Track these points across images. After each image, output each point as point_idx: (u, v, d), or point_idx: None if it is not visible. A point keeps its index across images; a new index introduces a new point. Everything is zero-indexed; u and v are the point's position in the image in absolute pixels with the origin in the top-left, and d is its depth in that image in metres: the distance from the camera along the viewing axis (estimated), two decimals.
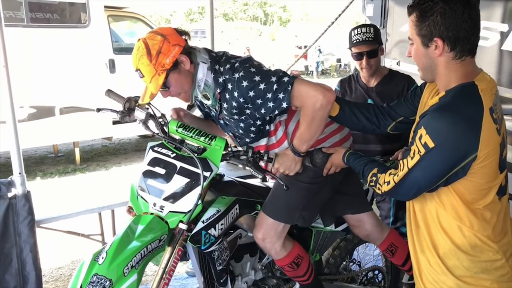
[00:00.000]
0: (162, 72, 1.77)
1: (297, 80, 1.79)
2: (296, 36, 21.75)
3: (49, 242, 3.17)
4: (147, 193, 1.79)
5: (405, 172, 1.47)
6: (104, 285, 1.51)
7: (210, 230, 1.79)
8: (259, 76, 1.77)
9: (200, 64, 1.84)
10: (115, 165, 6.45)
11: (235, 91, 1.80)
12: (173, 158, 1.81)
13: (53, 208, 2.89)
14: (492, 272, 1.47)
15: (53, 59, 5.79)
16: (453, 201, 1.46)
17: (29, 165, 6.39)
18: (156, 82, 1.78)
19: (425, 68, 1.50)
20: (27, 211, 2.58)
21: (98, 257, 1.58)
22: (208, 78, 1.85)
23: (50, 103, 5.86)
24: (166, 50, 1.76)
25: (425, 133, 1.39)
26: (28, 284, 2.61)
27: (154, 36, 1.78)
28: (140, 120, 1.91)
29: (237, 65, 1.82)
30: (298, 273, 2.08)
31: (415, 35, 1.46)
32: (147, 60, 1.76)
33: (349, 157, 1.81)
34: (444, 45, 1.41)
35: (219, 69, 1.84)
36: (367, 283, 2.60)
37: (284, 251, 2.01)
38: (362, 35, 2.58)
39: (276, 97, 1.77)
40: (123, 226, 1.70)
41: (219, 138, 1.83)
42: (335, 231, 2.25)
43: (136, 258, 1.59)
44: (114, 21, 7.09)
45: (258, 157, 1.83)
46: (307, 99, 1.76)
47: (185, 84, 1.86)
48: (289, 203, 1.96)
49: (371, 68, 2.62)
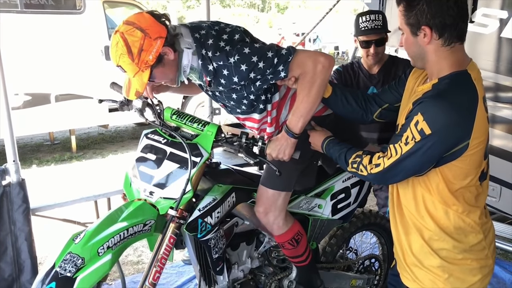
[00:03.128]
0: (145, 69, 1.67)
1: (296, 50, 1.76)
2: (293, 23, 21.57)
3: (45, 230, 3.16)
4: (139, 179, 1.79)
5: (397, 157, 1.49)
6: (76, 263, 1.53)
7: (206, 218, 1.78)
8: (256, 56, 1.71)
9: (184, 50, 1.74)
10: (111, 152, 6.43)
11: (234, 76, 1.73)
12: (164, 144, 1.79)
13: (49, 196, 2.87)
14: (474, 251, 1.56)
15: (48, 45, 5.72)
16: (439, 185, 1.51)
17: (25, 152, 6.36)
18: (140, 79, 1.68)
19: (415, 56, 1.53)
20: (22, 199, 2.56)
21: (77, 237, 1.60)
22: (193, 62, 1.76)
23: (45, 90, 5.80)
24: (148, 46, 1.63)
25: (422, 120, 1.41)
26: (24, 272, 2.61)
27: (133, 31, 1.63)
28: (137, 108, 1.90)
29: (229, 49, 1.71)
30: (298, 252, 2.08)
31: (404, 25, 1.50)
32: (129, 59, 1.64)
33: (329, 142, 1.80)
34: (432, 32, 1.45)
35: (206, 55, 1.73)
36: (364, 271, 2.61)
37: (285, 226, 2.01)
38: (370, 23, 2.52)
39: (276, 70, 1.74)
40: (112, 209, 1.71)
41: (211, 124, 1.81)
42: (332, 219, 2.25)
43: (113, 239, 1.59)
44: (110, 7, 6.99)
45: (252, 143, 1.81)
46: (307, 63, 1.73)
47: (170, 73, 1.78)
48: (285, 172, 1.91)
49: (377, 56, 2.59)
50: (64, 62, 5.84)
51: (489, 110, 1.54)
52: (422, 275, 1.60)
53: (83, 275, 1.53)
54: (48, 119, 5.89)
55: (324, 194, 2.21)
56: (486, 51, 3.22)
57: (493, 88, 3.22)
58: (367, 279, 2.56)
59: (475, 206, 1.55)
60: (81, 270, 1.53)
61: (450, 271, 1.55)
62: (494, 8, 3.18)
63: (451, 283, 1.57)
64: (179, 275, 3.20)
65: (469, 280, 1.57)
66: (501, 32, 3.17)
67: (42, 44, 5.68)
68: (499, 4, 3.16)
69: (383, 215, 2.63)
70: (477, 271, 1.57)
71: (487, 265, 1.60)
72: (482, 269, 1.58)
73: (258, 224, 2.06)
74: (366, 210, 2.54)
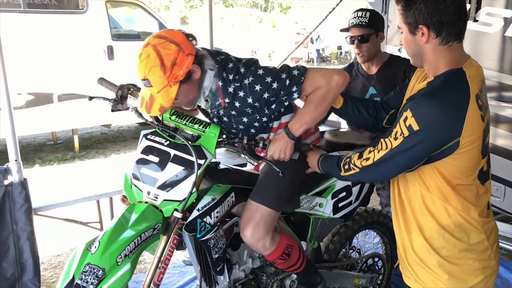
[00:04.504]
0: (174, 84, 1.63)
1: (308, 69, 1.78)
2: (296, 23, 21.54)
3: (47, 229, 3.16)
4: (141, 182, 1.76)
5: (386, 152, 1.50)
6: (97, 274, 1.49)
7: (205, 218, 1.76)
8: (270, 77, 1.74)
9: (207, 71, 1.73)
10: (114, 152, 6.43)
11: (249, 97, 1.75)
12: (166, 146, 1.77)
13: (52, 195, 2.87)
14: (475, 251, 1.54)
15: (51, 45, 5.74)
16: (438, 183, 1.51)
17: (28, 152, 6.38)
18: (167, 94, 1.64)
19: (414, 54, 1.54)
20: (24, 198, 2.56)
21: (91, 247, 1.56)
22: (213, 85, 1.76)
23: (48, 90, 5.82)
24: (181, 61, 1.61)
25: (411, 116, 1.41)
26: (26, 271, 2.60)
27: (167, 45, 1.60)
28: (133, 108, 1.87)
29: (244, 71, 1.75)
30: (290, 263, 2.06)
31: (402, 24, 1.50)
32: (161, 72, 1.59)
33: (322, 159, 1.83)
34: (430, 31, 1.45)
35: (227, 77, 1.74)
36: (367, 270, 2.59)
37: (273, 245, 1.96)
38: (356, 19, 2.54)
39: (289, 91, 1.76)
40: (117, 215, 1.68)
41: (213, 126, 1.80)
42: (333, 218, 2.24)
43: (129, 247, 1.56)
44: (112, 7, 7.00)
45: (254, 144, 1.80)
46: (321, 81, 1.76)
47: (192, 93, 1.75)
48: (278, 189, 1.93)
49: (363, 53, 2.56)
50: (66, 62, 5.86)
51: (492, 110, 1.53)
52: (423, 275, 1.59)
53: (106, 286, 1.50)
54: (50, 118, 5.90)
55: (325, 193, 2.20)
56: (490, 50, 3.20)
57: (497, 88, 3.21)
58: (370, 278, 2.55)
59: (476, 205, 1.53)
60: (103, 281, 1.50)
61: (451, 271, 1.54)
62: (498, 7, 3.16)
63: (452, 284, 1.55)
64: (181, 275, 3.20)
65: (471, 281, 1.55)
66: (505, 31, 3.15)
67: (45, 43, 5.69)
68: (503, 3, 3.14)
69: (386, 214, 2.62)
70: (479, 271, 1.55)
71: (489, 266, 1.58)
72: (484, 270, 1.56)
73: None
74: (369, 209, 2.52)
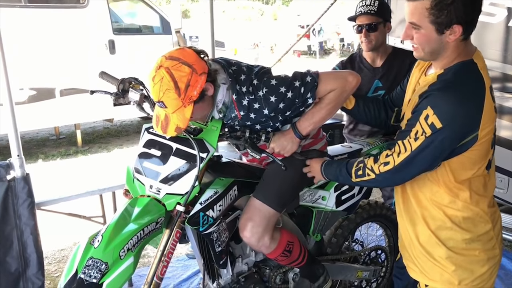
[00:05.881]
0: (188, 104, 1.64)
1: (320, 74, 1.78)
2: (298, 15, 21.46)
3: (51, 224, 3.17)
4: (143, 176, 1.76)
5: (407, 154, 1.45)
6: (100, 268, 1.49)
7: (208, 212, 1.76)
8: (284, 86, 1.73)
9: (221, 86, 1.74)
10: (117, 147, 6.44)
11: (264, 108, 1.75)
12: (168, 139, 1.77)
13: (55, 190, 2.88)
14: (481, 241, 1.54)
15: (52, 40, 5.73)
16: (445, 176, 1.49)
17: (31, 147, 6.39)
18: (182, 114, 1.64)
19: (432, 51, 1.47)
20: (27, 193, 2.56)
21: (94, 241, 1.56)
22: (226, 98, 1.76)
23: (50, 85, 5.82)
24: (194, 82, 1.61)
25: (433, 113, 1.37)
26: (30, 266, 2.61)
27: (180, 67, 1.60)
28: (135, 101, 1.86)
29: (257, 83, 1.74)
30: (292, 258, 2.06)
31: (428, 23, 1.40)
32: (175, 95, 1.60)
33: (326, 165, 1.81)
34: (462, 30, 1.38)
35: (241, 90, 1.74)
36: (370, 262, 2.59)
37: (274, 243, 1.96)
38: (365, 7, 2.48)
39: (305, 97, 1.76)
40: (120, 209, 1.68)
41: (215, 119, 1.79)
42: (336, 211, 2.23)
43: (132, 240, 1.56)
44: (113, 1, 6.99)
45: (256, 137, 1.80)
46: (335, 82, 1.77)
47: (206, 109, 1.76)
48: (280, 188, 1.94)
49: (370, 42, 2.51)
50: (68, 57, 5.85)
51: (496, 101, 1.51)
52: (429, 267, 1.59)
53: (109, 280, 1.50)
54: (53, 113, 5.91)
55: (327, 185, 2.19)
56: (493, 41, 3.17)
57: (501, 78, 3.18)
58: (373, 270, 2.55)
59: (484, 196, 1.53)
60: (106, 275, 1.50)
61: (457, 262, 1.53)
62: None
63: (458, 275, 1.54)
64: (185, 269, 3.21)
65: (478, 271, 1.55)
66: (509, 21, 3.12)
67: (46, 38, 5.69)
68: None
69: (389, 206, 2.61)
70: (484, 261, 1.55)
71: (494, 256, 1.58)
72: (489, 260, 1.56)
73: None
74: (372, 202, 2.52)
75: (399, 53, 2.66)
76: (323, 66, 11.14)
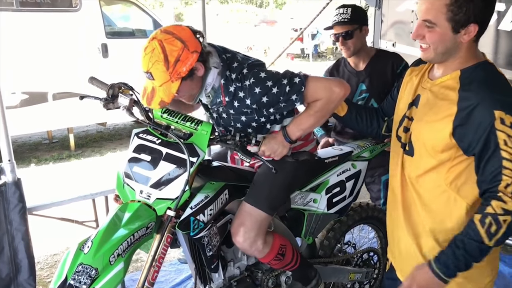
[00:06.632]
0: (176, 80, 1.67)
1: (309, 78, 1.78)
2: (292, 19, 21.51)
3: (43, 229, 3.15)
4: (134, 181, 1.76)
5: None
6: (89, 274, 1.49)
7: (198, 216, 1.76)
8: (271, 81, 1.75)
9: (212, 69, 1.77)
10: (110, 150, 6.42)
11: (247, 98, 1.77)
12: (158, 144, 1.77)
13: (48, 194, 2.87)
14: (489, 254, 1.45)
15: (45, 44, 5.70)
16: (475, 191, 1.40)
17: (23, 151, 6.35)
18: (168, 89, 1.69)
19: (444, 51, 1.41)
20: (18, 198, 2.55)
21: (84, 246, 1.55)
22: (216, 82, 1.80)
23: (42, 89, 5.79)
24: (185, 58, 1.65)
25: (505, 114, 1.28)
26: (21, 271, 2.60)
27: (172, 41, 1.64)
28: (124, 106, 1.86)
29: (246, 72, 1.77)
30: (285, 262, 2.06)
31: (444, 20, 1.35)
32: (163, 67, 1.64)
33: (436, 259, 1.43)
34: (477, 30, 1.35)
35: (230, 76, 1.78)
36: (363, 265, 2.60)
37: (266, 247, 1.96)
38: (338, 16, 2.55)
39: (289, 99, 1.77)
40: (110, 214, 1.67)
41: (205, 123, 1.79)
42: (328, 213, 2.24)
43: (122, 246, 1.56)
44: (106, 4, 6.97)
45: (246, 141, 1.80)
46: (321, 92, 1.78)
47: (193, 89, 1.79)
48: (271, 192, 1.94)
49: (348, 49, 2.58)
50: (61, 60, 5.83)
51: None
52: None
53: (99, 286, 1.49)
54: (46, 117, 5.87)
55: (319, 188, 2.20)
56: (483, 44, 3.19)
57: None
58: (365, 272, 2.56)
59: None
60: (96, 281, 1.49)
61: (464, 275, 1.43)
62: None
63: (464, 286, 1.49)
64: (178, 273, 3.20)
65: (482, 282, 1.52)
66: (498, 25, 3.14)
67: (38, 42, 5.66)
68: None
69: (380, 208, 2.62)
70: (489, 272, 1.53)
71: (496, 267, 1.56)
72: (493, 271, 1.54)
73: None
74: (363, 204, 2.53)
75: (382, 55, 2.70)
76: (316, 69, 11.17)
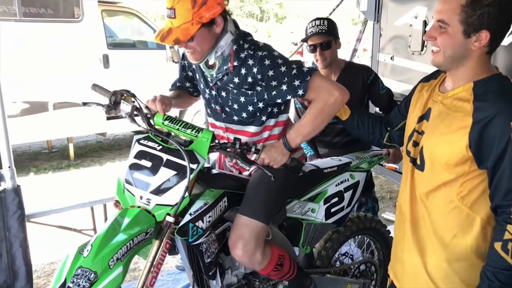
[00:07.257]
0: (196, 23, 1.74)
1: (316, 72, 1.85)
2: (292, 33, 21.66)
3: (41, 236, 3.16)
4: (134, 187, 1.77)
5: None
6: (88, 277, 1.49)
7: (197, 223, 1.77)
8: (282, 60, 1.84)
9: (228, 32, 1.85)
10: (109, 160, 6.43)
11: (255, 67, 1.84)
12: (159, 150, 1.78)
13: (46, 203, 2.87)
14: None
15: (46, 54, 5.74)
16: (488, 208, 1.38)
17: (23, 160, 6.36)
18: (187, 30, 1.74)
19: (454, 57, 1.37)
20: (17, 205, 2.57)
21: (83, 250, 1.56)
22: (227, 49, 1.87)
23: (43, 98, 5.82)
24: (211, 4, 1.74)
25: None
26: (18, 279, 2.60)
27: None
28: (126, 113, 1.88)
29: (261, 45, 1.89)
30: (284, 272, 2.05)
31: (457, 21, 1.32)
32: (190, 5, 1.71)
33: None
34: (489, 39, 1.31)
35: (242, 45, 1.88)
36: (360, 276, 2.60)
37: (266, 259, 1.94)
38: (315, 28, 2.62)
39: (292, 82, 1.82)
40: (110, 219, 1.68)
41: (206, 130, 1.81)
42: (326, 223, 2.25)
43: (121, 250, 1.57)
44: (108, 16, 7.04)
45: (246, 149, 1.82)
46: (323, 91, 1.82)
47: (207, 44, 1.84)
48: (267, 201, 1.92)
49: (325, 60, 2.65)
50: (62, 71, 5.86)
51: None
52: None
53: None
54: (46, 127, 5.89)
55: (317, 198, 2.21)
56: None
57: None
58: (362, 283, 2.55)
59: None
60: (95, 284, 1.50)
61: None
62: None
63: None
64: (176, 282, 3.19)
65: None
66: None
67: (40, 52, 5.70)
68: None
69: (378, 219, 2.63)
70: None
71: None
72: None
73: None
74: (361, 215, 2.53)
75: (352, 67, 2.79)
76: None
